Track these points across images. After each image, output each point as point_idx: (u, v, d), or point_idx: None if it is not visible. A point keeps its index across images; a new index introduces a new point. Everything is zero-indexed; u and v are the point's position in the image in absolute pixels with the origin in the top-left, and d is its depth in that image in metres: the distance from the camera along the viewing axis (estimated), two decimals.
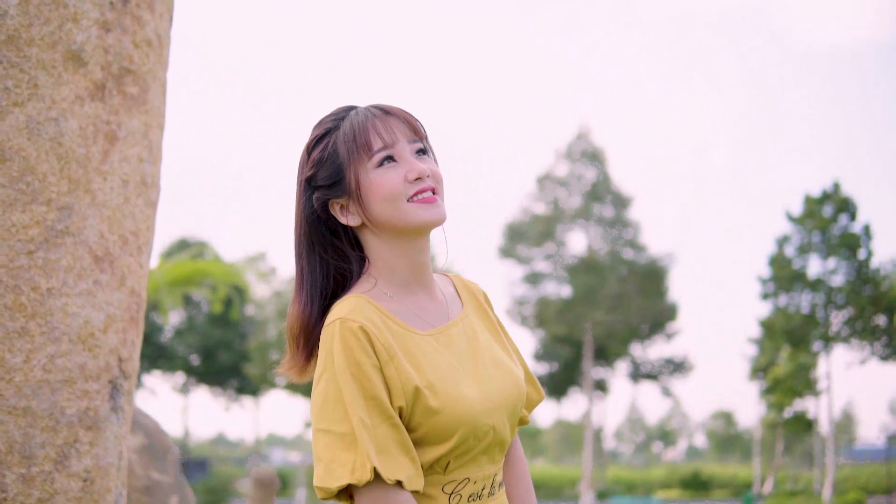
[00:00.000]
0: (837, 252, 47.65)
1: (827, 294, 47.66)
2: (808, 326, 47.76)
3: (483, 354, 2.41)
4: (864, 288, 46.93)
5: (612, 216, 51.20)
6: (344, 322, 2.23)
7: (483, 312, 2.56)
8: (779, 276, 48.59)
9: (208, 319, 57.61)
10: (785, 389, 49.71)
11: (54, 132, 3.08)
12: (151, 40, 3.38)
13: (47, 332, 3.06)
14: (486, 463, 2.34)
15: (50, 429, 3.07)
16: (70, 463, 3.11)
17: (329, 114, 2.41)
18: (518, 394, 2.41)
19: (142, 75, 3.35)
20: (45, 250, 3.07)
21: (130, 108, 3.30)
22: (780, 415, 52.78)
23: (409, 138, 2.35)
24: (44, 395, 3.06)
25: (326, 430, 2.21)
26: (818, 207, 48.11)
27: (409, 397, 2.22)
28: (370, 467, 2.15)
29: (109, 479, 3.24)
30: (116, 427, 3.27)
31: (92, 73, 3.18)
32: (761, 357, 53.23)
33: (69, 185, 3.11)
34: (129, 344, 3.33)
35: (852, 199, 47.87)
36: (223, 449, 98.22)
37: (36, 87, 3.06)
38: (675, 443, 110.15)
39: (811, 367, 49.22)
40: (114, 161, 3.24)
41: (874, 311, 46.60)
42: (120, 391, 3.28)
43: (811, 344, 48.47)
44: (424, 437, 2.25)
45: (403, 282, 2.39)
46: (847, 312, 47.54)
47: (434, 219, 2.32)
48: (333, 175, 2.35)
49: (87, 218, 3.16)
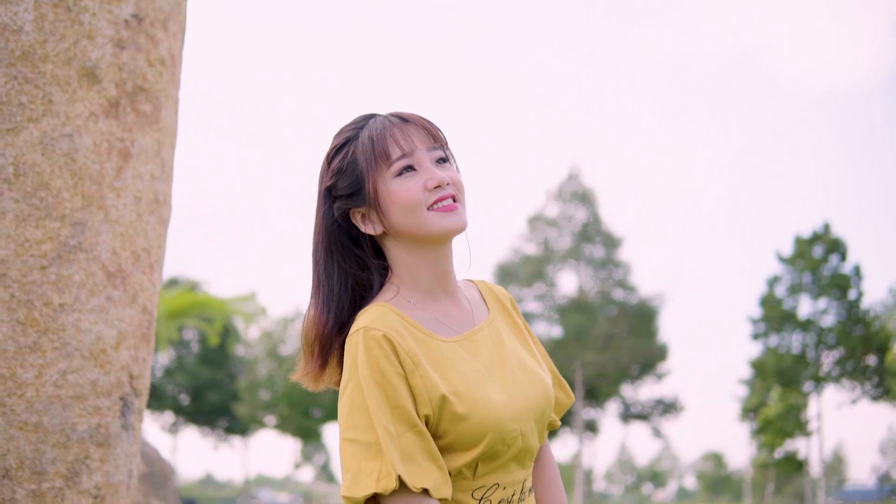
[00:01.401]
0: (828, 292, 47.74)
1: (817, 334, 47.70)
2: (798, 367, 47.76)
3: (510, 360, 2.39)
4: (854, 328, 46.99)
5: (602, 256, 51.28)
6: (367, 331, 2.22)
7: (509, 317, 2.54)
8: (769, 316, 48.65)
9: (198, 359, 57.46)
10: (775, 430, 49.63)
11: (68, 148, 3.09)
12: (165, 59, 3.40)
13: (59, 348, 3.06)
14: (516, 469, 2.32)
15: (61, 445, 3.06)
16: (81, 479, 3.10)
17: (349, 123, 2.40)
18: (546, 398, 2.39)
19: (155, 93, 3.36)
20: (58, 266, 3.07)
21: (144, 125, 3.31)
22: (771, 455, 52.66)
23: (429, 146, 2.34)
24: (55, 411, 3.05)
25: (352, 439, 2.20)
26: (809, 248, 48.24)
27: (436, 405, 2.20)
28: (395, 476, 2.13)
29: (119, 497, 3.22)
30: (127, 445, 3.26)
31: (106, 91, 3.20)
32: (752, 397, 53.20)
33: (83, 202, 3.12)
34: (141, 361, 3.32)
35: (843, 239, 48.03)
36: (211, 489, 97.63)
37: (50, 103, 3.08)
38: (665, 484, 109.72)
39: (802, 408, 49.18)
40: (127, 178, 3.25)
41: (865, 351, 46.64)
42: (131, 408, 3.27)
43: (802, 384, 48.45)
44: (452, 444, 2.23)
45: (427, 289, 2.37)
46: (838, 353, 47.58)
47: (454, 226, 2.31)
48: (353, 184, 2.34)
49: (100, 234, 3.16)
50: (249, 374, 54.13)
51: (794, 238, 48.40)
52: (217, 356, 58.06)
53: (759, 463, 56.68)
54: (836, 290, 47.45)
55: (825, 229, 48.21)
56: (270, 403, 53.04)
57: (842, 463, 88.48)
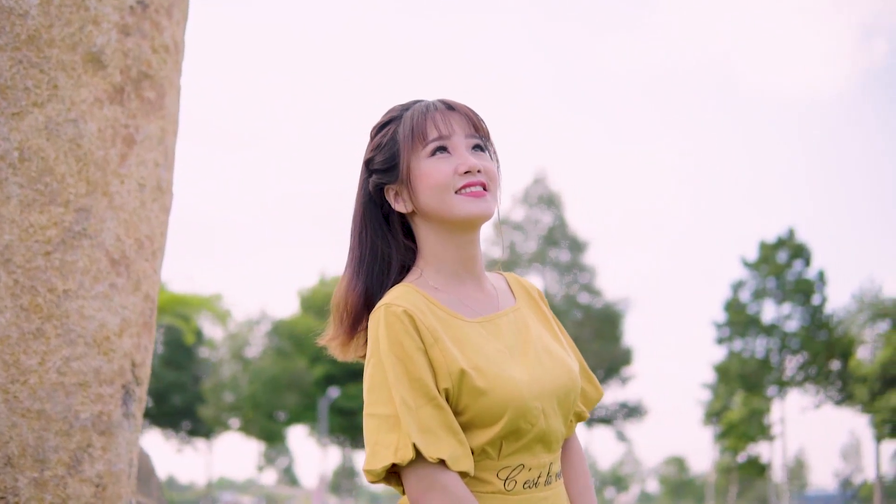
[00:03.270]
0: (792, 297, 48.11)
1: (781, 339, 48.04)
2: (762, 371, 48.09)
3: (534, 343, 2.40)
4: (818, 333, 47.35)
5: (568, 260, 51.45)
6: (389, 307, 2.26)
7: (537, 308, 2.55)
8: (734, 321, 48.96)
9: (162, 361, 57.16)
10: (739, 434, 49.95)
11: (73, 134, 3.07)
12: (168, 46, 3.38)
13: (63, 335, 3.03)
14: (542, 451, 2.32)
15: (63, 433, 3.03)
16: (83, 468, 3.07)
17: (400, 103, 2.45)
18: (571, 383, 2.39)
19: (159, 80, 3.34)
20: (63, 252, 3.05)
21: (148, 112, 3.29)
22: (734, 459, 52.96)
23: (467, 133, 2.37)
24: (58, 399, 3.02)
25: (372, 413, 2.23)
26: (773, 253, 48.59)
27: (455, 379, 2.22)
28: (412, 446, 2.15)
29: (121, 486, 3.20)
30: (128, 433, 3.24)
31: (111, 77, 3.17)
32: (715, 402, 53.49)
33: (87, 188, 3.10)
34: (143, 349, 3.30)
35: (807, 245, 48.41)
36: (174, 492, 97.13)
37: (56, 88, 3.05)
38: (628, 488, 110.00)
39: (765, 412, 49.49)
40: (131, 165, 3.23)
41: (828, 356, 47.01)
42: (132, 397, 3.25)
43: (765, 389, 48.79)
44: (473, 420, 2.24)
45: (452, 271, 2.40)
46: (801, 357, 47.95)
47: (479, 212, 2.33)
48: (389, 160, 2.39)
49: (104, 220, 3.13)
50: (214, 377, 53.92)
51: (758, 243, 48.73)
52: (181, 358, 57.77)
53: (721, 467, 57.03)
54: (800, 296, 47.83)
55: (790, 235, 48.59)
56: (235, 406, 52.87)
57: (803, 467, 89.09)
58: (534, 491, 2.31)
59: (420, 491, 2.19)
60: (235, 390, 52.61)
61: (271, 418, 53.35)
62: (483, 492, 2.27)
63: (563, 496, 2.41)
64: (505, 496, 2.28)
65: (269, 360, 52.68)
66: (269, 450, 73.97)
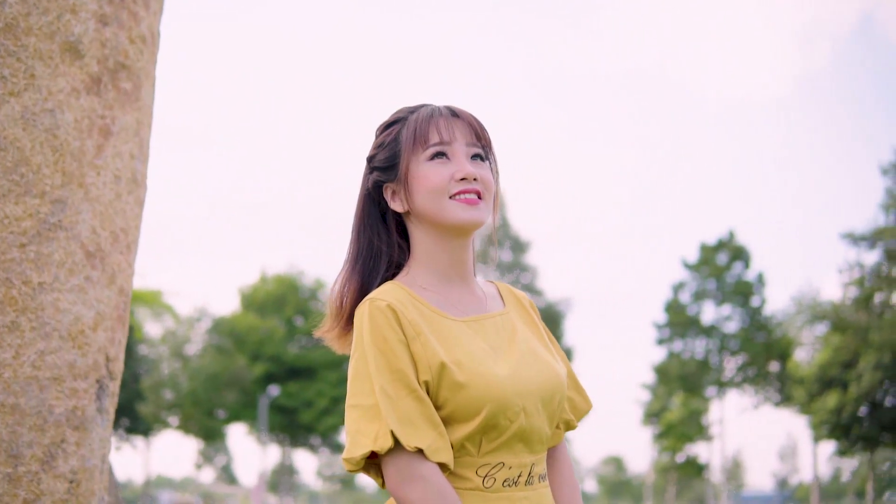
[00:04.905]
0: (731, 299, 48.54)
1: (720, 340, 48.46)
2: (701, 372, 48.48)
3: (520, 345, 2.42)
4: (757, 335, 47.82)
5: (509, 261, 51.61)
6: (373, 301, 2.31)
7: (528, 316, 2.58)
8: (674, 322, 49.31)
9: None
10: (677, 434, 50.35)
11: (50, 124, 3.02)
12: (145, 36, 3.33)
13: (38, 328, 2.98)
14: (523, 450, 2.33)
15: (38, 428, 2.98)
16: (57, 464, 3.02)
17: (408, 106, 2.50)
18: (555, 384, 2.40)
19: (136, 71, 3.29)
20: (38, 244, 2.99)
21: (124, 103, 3.24)
22: (672, 460, 53.35)
23: (468, 141, 2.43)
24: (32, 393, 2.97)
25: (354, 405, 2.27)
26: (713, 255, 49.00)
27: (435, 372, 2.25)
28: (391, 434, 2.19)
29: (94, 482, 3.15)
30: (101, 429, 3.19)
31: (88, 66, 3.12)
32: (654, 402, 53.86)
33: (63, 179, 3.04)
34: (117, 343, 3.25)
35: (746, 247, 48.85)
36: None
37: (33, 77, 3.00)
38: None
39: (703, 413, 49.90)
40: (107, 156, 3.18)
41: (767, 357, 47.50)
42: (106, 391, 3.20)
43: (704, 389, 49.17)
44: (453, 414, 2.26)
45: (442, 273, 2.44)
46: (740, 358, 48.41)
47: (470, 219, 2.38)
48: (390, 160, 2.45)
49: (80, 212, 3.08)
50: (153, 374, 53.45)
51: (699, 245, 49.11)
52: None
53: (660, 467, 57.46)
54: (740, 297, 48.29)
55: (730, 237, 49.02)
56: (174, 403, 52.46)
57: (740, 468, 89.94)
58: (513, 490, 2.32)
59: (399, 481, 2.22)
60: (175, 388, 52.21)
61: (211, 416, 52.99)
62: (462, 488, 2.28)
63: (547, 499, 2.40)
64: (483, 493, 2.29)
65: (210, 358, 52.33)
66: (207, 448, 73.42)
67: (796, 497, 73.36)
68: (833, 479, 79.03)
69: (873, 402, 43.19)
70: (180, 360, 53.63)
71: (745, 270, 48.52)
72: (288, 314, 56.19)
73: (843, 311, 42.41)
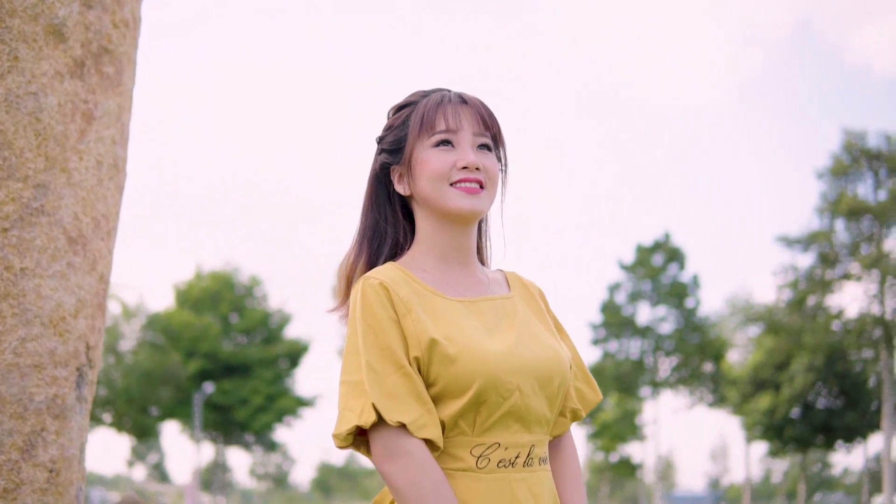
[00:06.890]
0: (666, 300, 48.91)
1: (655, 341, 48.81)
2: (636, 372, 48.79)
3: (520, 327, 2.41)
4: (691, 336, 48.24)
5: None
6: (366, 280, 2.35)
7: (535, 304, 2.57)
8: (609, 322, 49.57)
9: None
10: (612, 434, 50.61)
11: (33, 107, 2.97)
12: (128, 20, 3.29)
13: (19, 314, 2.93)
14: (520, 430, 2.31)
15: (18, 415, 2.93)
16: (37, 452, 2.97)
17: (423, 90, 2.51)
18: (555, 365, 2.38)
19: (118, 56, 3.25)
20: (20, 228, 2.94)
21: (107, 88, 3.20)
22: (607, 459, 53.64)
23: (475, 131, 2.44)
24: (13, 380, 2.92)
25: (345, 381, 2.29)
26: (649, 256, 49.33)
27: (426, 346, 2.25)
28: (374, 408, 2.20)
29: (73, 472, 3.10)
30: (80, 418, 3.14)
31: (72, 50, 3.08)
32: None
33: (46, 163, 2.99)
34: (97, 331, 3.21)
35: (682, 249, 49.23)
36: None
37: (16, 59, 2.95)
38: None
39: (638, 413, 50.24)
40: (90, 141, 3.14)
41: (701, 358, 47.95)
42: (85, 380, 3.16)
43: (639, 389, 49.49)
44: (444, 390, 2.26)
45: (442, 256, 2.46)
46: (675, 359, 48.78)
47: (469, 208, 2.40)
48: (397, 142, 2.47)
49: (62, 198, 3.04)
50: None
51: (635, 246, 49.42)
52: None
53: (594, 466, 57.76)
54: (675, 299, 48.67)
55: (665, 238, 49.40)
56: (107, 400, 51.86)
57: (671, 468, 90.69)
58: (509, 471, 2.30)
59: (384, 456, 2.22)
60: (108, 384, 51.60)
61: (145, 413, 52.44)
62: (453, 468, 2.27)
63: (547, 483, 2.38)
64: (476, 474, 2.27)
65: (144, 355, 51.79)
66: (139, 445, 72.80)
67: (727, 497, 74.16)
68: (764, 479, 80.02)
69: (805, 404, 43.84)
70: (114, 356, 53.03)
71: (681, 272, 48.92)
72: (223, 311, 55.73)
73: (777, 313, 42.91)
